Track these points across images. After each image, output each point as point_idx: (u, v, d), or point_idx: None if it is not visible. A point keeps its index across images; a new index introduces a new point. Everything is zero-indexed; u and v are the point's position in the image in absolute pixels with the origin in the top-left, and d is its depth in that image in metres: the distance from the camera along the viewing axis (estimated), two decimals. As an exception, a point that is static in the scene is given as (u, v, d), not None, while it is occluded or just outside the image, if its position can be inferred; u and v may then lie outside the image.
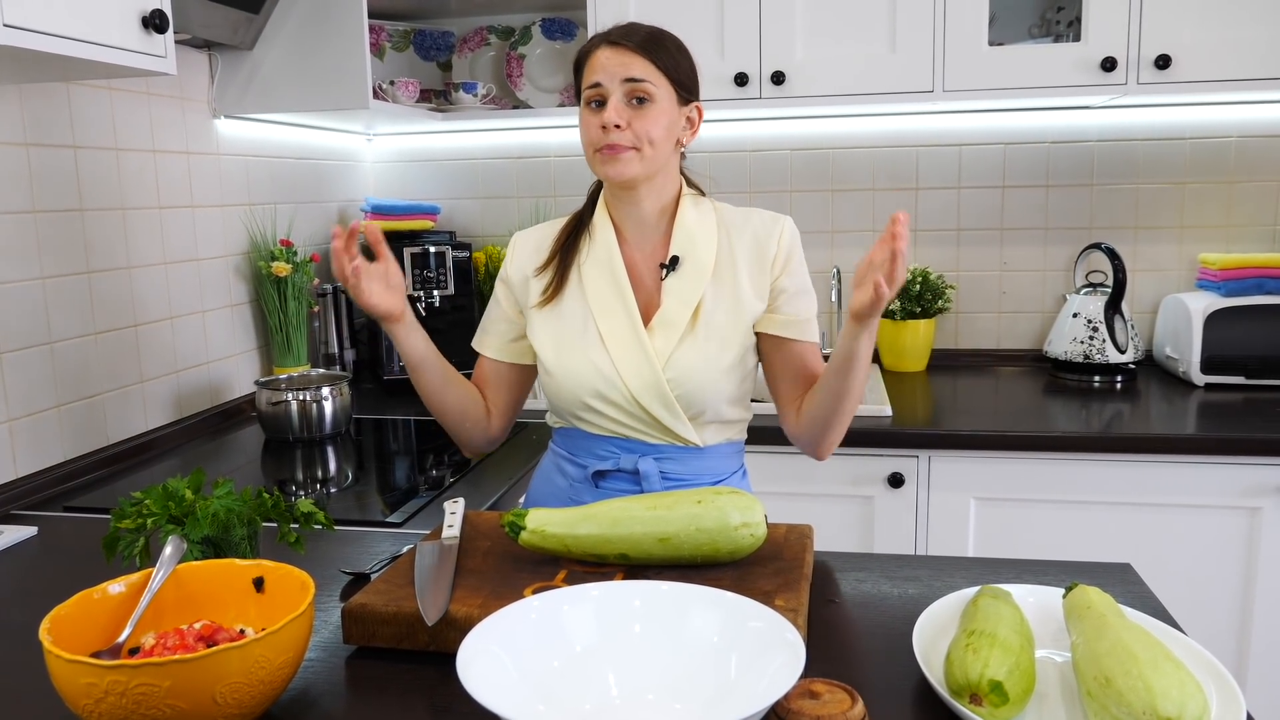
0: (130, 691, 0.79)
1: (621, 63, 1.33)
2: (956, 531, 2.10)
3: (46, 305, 1.74)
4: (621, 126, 1.33)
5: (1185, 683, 0.81)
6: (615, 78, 1.33)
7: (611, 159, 1.34)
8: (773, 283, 1.42)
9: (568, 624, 0.94)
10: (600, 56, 1.35)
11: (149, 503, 1.12)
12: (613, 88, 1.34)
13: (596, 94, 1.35)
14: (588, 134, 1.37)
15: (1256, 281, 2.34)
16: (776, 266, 1.41)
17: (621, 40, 1.35)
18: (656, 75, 1.34)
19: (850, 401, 1.35)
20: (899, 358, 2.63)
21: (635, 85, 1.33)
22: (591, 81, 1.35)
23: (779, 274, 1.42)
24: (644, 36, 1.36)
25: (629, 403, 1.39)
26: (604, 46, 1.36)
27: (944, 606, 1.06)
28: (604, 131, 1.33)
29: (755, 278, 1.41)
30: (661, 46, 1.36)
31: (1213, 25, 2.14)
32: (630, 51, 1.34)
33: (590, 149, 1.37)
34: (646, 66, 1.34)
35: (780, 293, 1.42)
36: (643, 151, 1.34)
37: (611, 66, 1.34)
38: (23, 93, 1.69)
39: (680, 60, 1.38)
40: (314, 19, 2.18)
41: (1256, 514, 1.99)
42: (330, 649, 1.07)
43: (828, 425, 1.38)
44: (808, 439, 1.44)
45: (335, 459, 1.99)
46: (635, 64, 1.33)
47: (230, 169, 2.28)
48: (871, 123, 2.68)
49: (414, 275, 2.54)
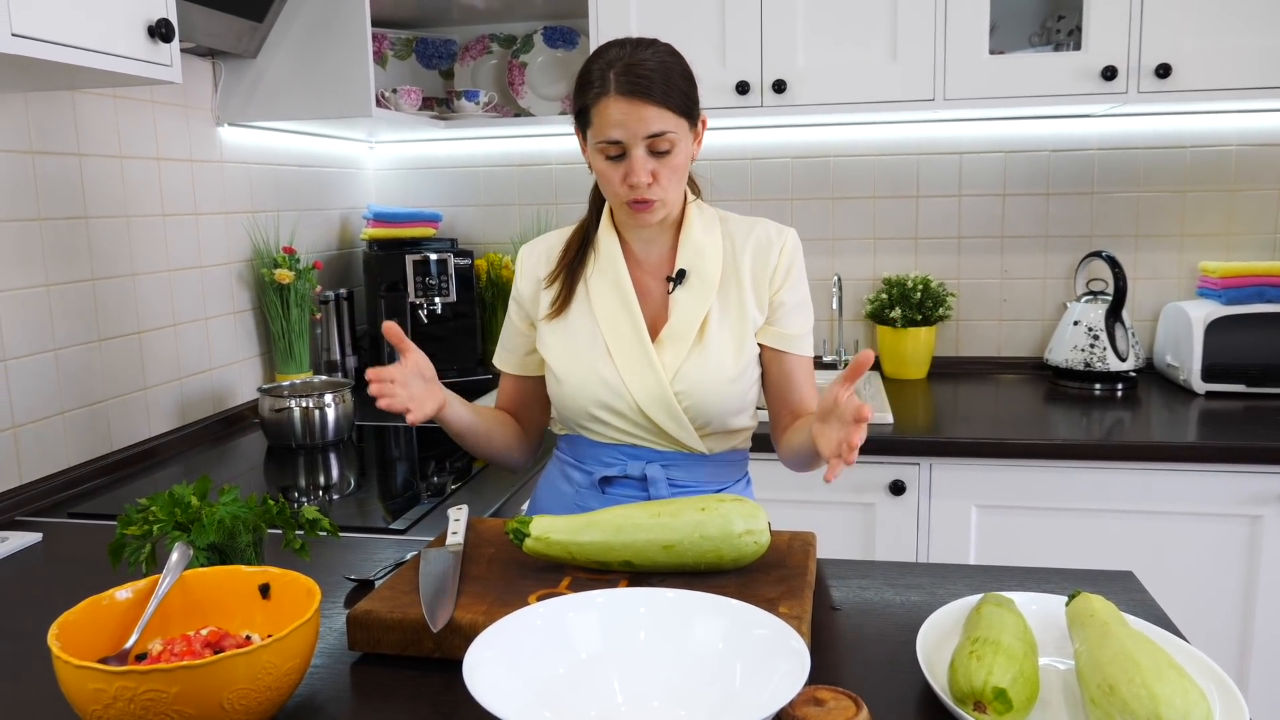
0: (138, 697, 0.80)
1: (640, 118, 1.27)
2: (958, 539, 2.10)
3: (51, 312, 1.75)
4: (650, 182, 1.31)
5: (1189, 690, 0.81)
6: (637, 135, 1.28)
7: (643, 211, 1.34)
8: (772, 296, 1.42)
9: (573, 631, 0.94)
10: (614, 110, 1.28)
11: (155, 509, 1.13)
12: (634, 143, 1.29)
13: (615, 149, 1.30)
14: (609, 184, 1.34)
15: (1257, 289, 2.35)
16: (777, 279, 1.41)
17: (635, 92, 1.27)
18: (673, 120, 1.29)
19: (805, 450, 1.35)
20: (900, 365, 2.64)
21: (655, 139, 1.29)
22: (608, 138, 1.29)
23: (779, 287, 1.42)
24: (654, 80, 1.27)
25: (636, 414, 1.39)
26: (615, 98, 1.27)
27: (947, 614, 1.06)
28: (632, 189, 1.31)
29: (757, 289, 1.42)
30: (672, 85, 1.29)
31: (1213, 34, 2.15)
32: (646, 104, 1.27)
33: (615, 199, 1.36)
34: (664, 116, 1.28)
35: (779, 306, 1.42)
36: (669, 197, 1.34)
37: (630, 123, 1.27)
38: (29, 101, 1.70)
39: (688, 89, 1.33)
40: (317, 27, 2.19)
41: (1257, 522, 1.99)
42: (335, 655, 1.08)
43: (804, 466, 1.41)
44: (788, 463, 1.46)
45: (338, 466, 1.99)
46: (653, 118, 1.27)
47: (233, 176, 2.28)
48: (872, 131, 2.69)
49: (415, 283, 2.54)
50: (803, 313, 1.44)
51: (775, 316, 1.42)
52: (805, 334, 1.44)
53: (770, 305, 1.42)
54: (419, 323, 2.57)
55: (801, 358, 1.44)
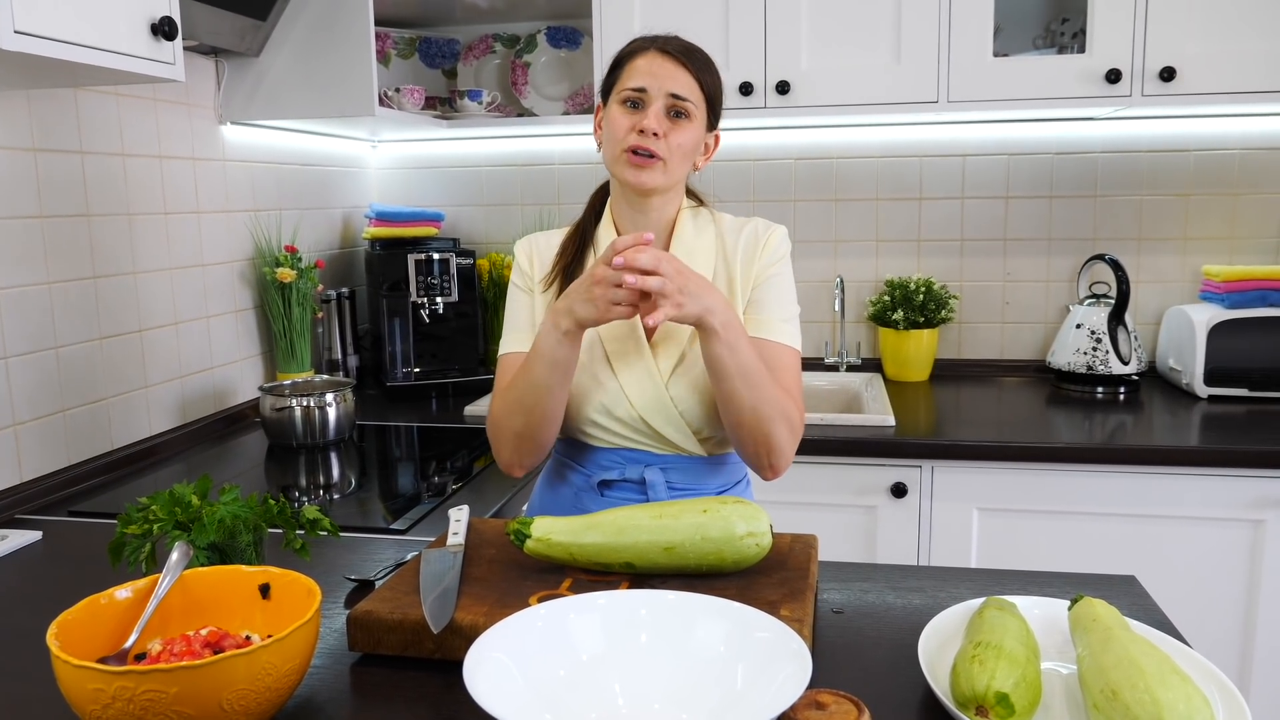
0: (138, 697, 0.79)
1: (670, 74, 1.34)
2: (959, 542, 2.10)
3: (53, 310, 1.74)
4: (659, 135, 1.33)
5: (1192, 696, 0.81)
6: (661, 87, 1.33)
7: (639, 165, 1.34)
8: (754, 284, 1.41)
9: (574, 633, 0.94)
10: (648, 61, 1.35)
11: (155, 508, 1.12)
12: (656, 95, 1.34)
13: (637, 96, 1.34)
14: (616, 131, 1.35)
15: (1260, 294, 2.34)
16: (759, 268, 1.40)
17: (673, 51, 1.35)
18: (698, 94, 1.35)
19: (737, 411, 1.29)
20: (902, 367, 2.63)
21: (678, 100, 1.34)
22: (635, 84, 1.34)
23: (760, 276, 1.41)
24: (695, 53, 1.36)
25: (635, 420, 1.39)
26: (654, 51, 1.35)
27: (949, 618, 1.06)
28: (639, 135, 1.33)
29: (744, 282, 1.41)
30: (709, 68, 1.37)
31: (1217, 38, 2.15)
32: (680, 65, 1.34)
33: (617, 147, 1.35)
34: (692, 84, 1.35)
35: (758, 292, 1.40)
36: (669, 164, 1.35)
37: (661, 75, 1.34)
38: (31, 98, 1.69)
39: (718, 86, 1.40)
40: (320, 26, 2.19)
41: (1260, 526, 1.99)
42: (335, 656, 1.07)
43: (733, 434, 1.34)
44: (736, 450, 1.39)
45: (339, 465, 1.99)
46: (682, 78, 1.34)
47: (236, 175, 2.28)
48: (875, 133, 2.68)
49: (417, 282, 2.54)
50: (782, 301, 1.41)
51: (755, 302, 1.40)
52: (782, 320, 1.40)
53: (751, 291, 1.41)
54: (420, 322, 2.57)
55: (778, 344, 1.38)
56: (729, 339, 1.25)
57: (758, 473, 1.39)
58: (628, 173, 1.35)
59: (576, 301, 1.26)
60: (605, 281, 1.22)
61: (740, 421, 1.31)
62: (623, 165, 1.36)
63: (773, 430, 1.31)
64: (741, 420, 1.30)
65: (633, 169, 1.34)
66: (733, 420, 1.32)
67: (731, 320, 1.26)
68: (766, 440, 1.31)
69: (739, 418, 1.30)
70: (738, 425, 1.32)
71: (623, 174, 1.36)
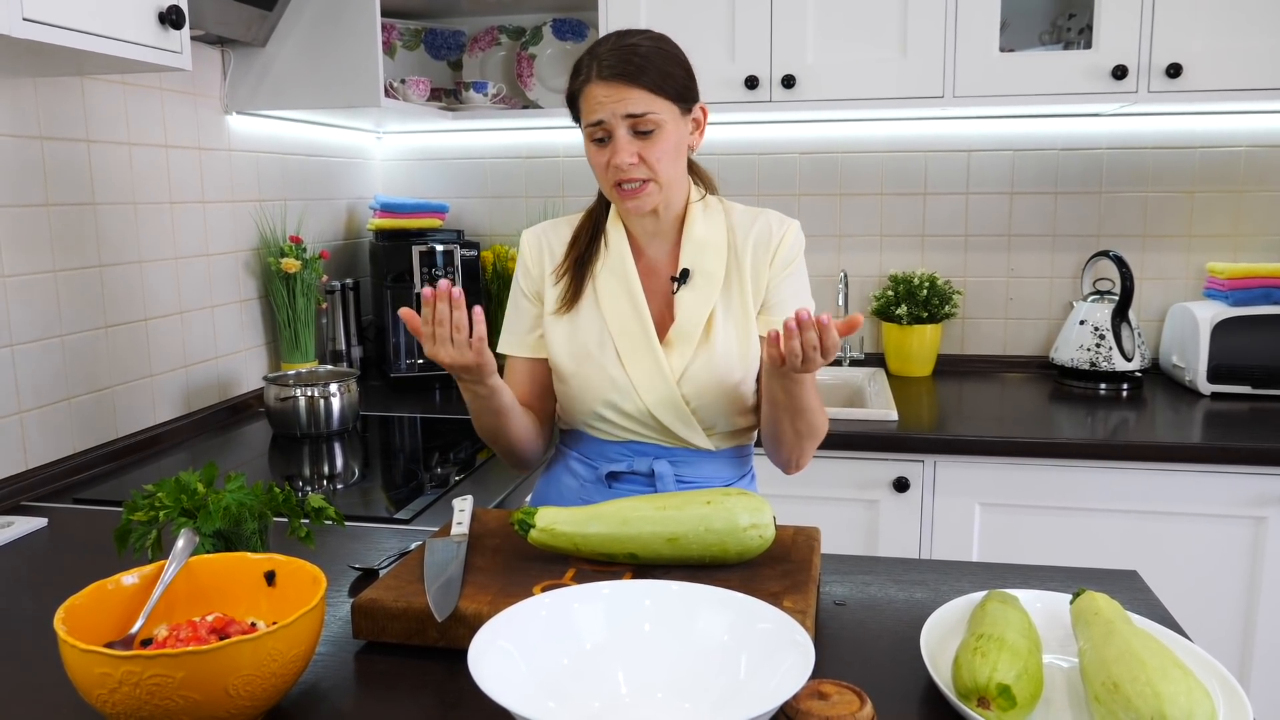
0: (144, 682, 0.80)
1: (619, 98, 1.29)
2: (961, 537, 2.10)
3: (58, 298, 1.75)
4: (633, 162, 1.31)
5: (1193, 689, 0.81)
6: (616, 115, 1.30)
7: (631, 196, 1.34)
8: (769, 284, 1.41)
9: (578, 622, 0.94)
10: (595, 93, 1.31)
11: (161, 495, 1.13)
12: (615, 124, 1.30)
13: (600, 131, 1.32)
14: (596, 169, 1.35)
15: (1264, 291, 2.34)
16: (775, 268, 1.40)
17: (613, 75, 1.29)
18: (655, 101, 1.30)
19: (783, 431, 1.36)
20: (905, 363, 2.63)
21: (637, 120, 1.30)
22: (593, 119, 1.31)
23: (776, 277, 1.40)
24: (635, 63, 1.29)
25: (644, 415, 1.39)
26: (595, 83, 1.30)
27: (951, 610, 1.06)
28: (616, 170, 1.32)
29: (756, 279, 1.41)
30: (651, 67, 1.30)
31: (1224, 35, 2.15)
32: (624, 85, 1.29)
33: (606, 185, 1.36)
34: (644, 96, 1.29)
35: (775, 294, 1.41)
36: (658, 180, 1.33)
37: (609, 104, 1.29)
38: (38, 86, 1.70)
39: (674, 71, 1.33)
40: (327, 16, 2.19)
41: (1261, 523, 1.99)
42: (339, 644, 1.08)
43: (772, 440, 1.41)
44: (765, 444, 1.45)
45: (342, 455, 2.00)
46: (632, 97, 1.29)
47: (241, 165, 2.29)
48: (881, 127, 2.68)
49: (421, 273, 2.54)
50: (799, 300, 1.41)
51: (770, 304, 1.41)
52: None
53: (766, 293, 1.41)
54: (424, 314, 2.57)
55: None
56: (810, 381, 1.31)
57: (780, 469, 1.47)
58: (624, 205, 1.37)
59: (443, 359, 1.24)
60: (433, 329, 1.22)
61: (783, 441, 1.40)
62: (616, 199, 1.37)
63: (808, 447, 1.42)
64: (784, 440, 1.39)
65: (626, 200, 1.35)
66: (776, 437, 1.40)
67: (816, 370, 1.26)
68: (801, 454, 1.43)
69: (783, 438, 1.39)
70: (780, 442, 1.40)
71: (620, 206, 1.38)
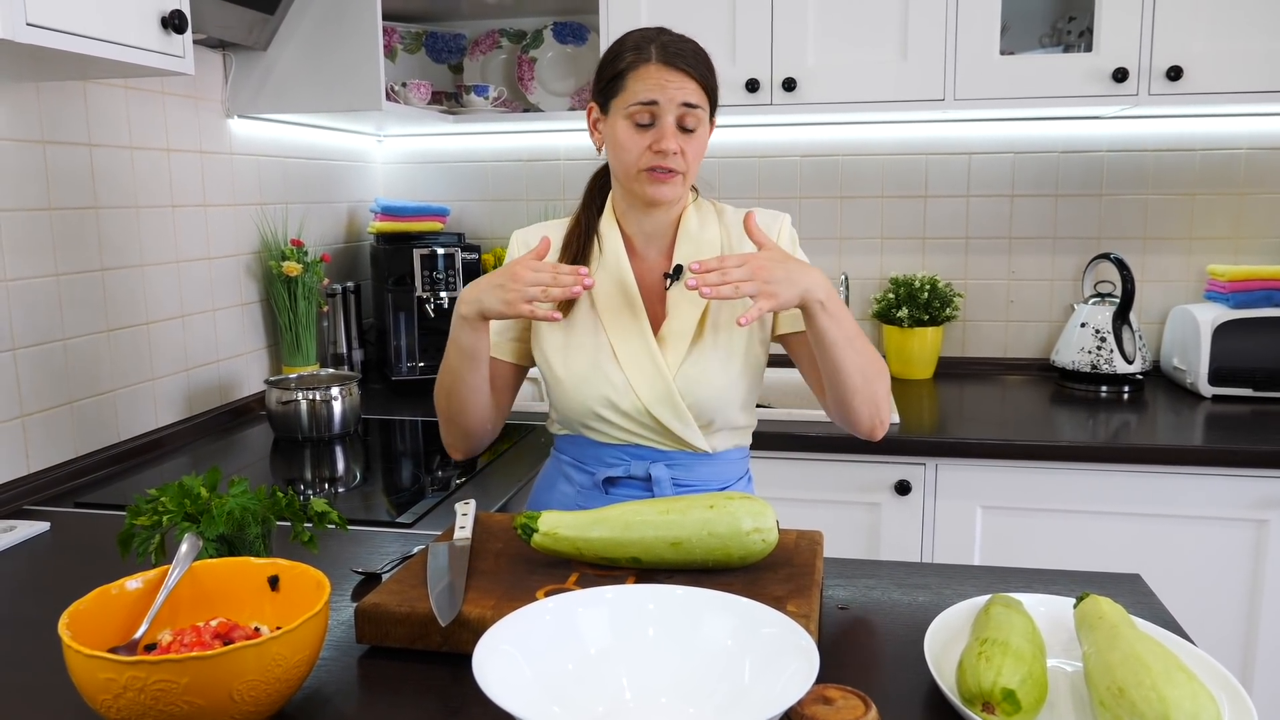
0: (149, 687, 0.80)
1: (680, 84, 1.29)
2: (963, 540, 2.10)
3: (60, 302, 1.75)
4: (677, 151, 1.31)
5: (1198, 694, 0.81)
6: (673, 101, 1.29)
7: (662, 181, 1.33)
8: None
9: (582, 626, 0.94)
10: (653, 73, 1.30)
11: (165, 500, 1.13)
12: (668, 109, 1.30)
13: (648, 112, 1.30)
14: (630, 150, 1.33)
15: (1265, 294, 2.34)
16: None
17: (676, 61, 1.30)
18: (704, 99, 1.33)
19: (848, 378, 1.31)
20: (906, 365, 2.63)
21: (690, 111, 1.31)
22: (645, 98, 1.30)
23: None
24: (696, 56, 1.32)
25: (640, 414, 1.39)
26: (657, 64, 1.30)
27: (955, 614, 1.06)
28: (658, 155, 1.31)
29: None
30: (704, 65, 1.33)
31: (1224, 37, 2.15)
32: (686, 75, 1.30)
33: (634, 166, 1.33)
34: (699, 92, 1.31)
35: None
36: (688, 175, 1.34)
37: (670, 88, 1.29)
38: (40, 90, 1.70)
39: (715, 82, 1.36)
40: (328, 20, 2.19)
41: (1263, 526, 1.99)
42: (343, 648, 1.08)
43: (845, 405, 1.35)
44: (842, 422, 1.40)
45: (344, 459, 2.00)
46: (691, 89, 1.30)
47: (242, 168, 2.29)
48: (881, 130, 2.68)
49: (422, 277, 2.54)
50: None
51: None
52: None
53: None
54: (425, 316, 2.57)
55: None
56: (833, 310, 1.27)
57: (867, 436, 1.39)
58: (648, 190, 1.34)
59: (485, 291, 1.27)
60: (522, 279, 1.23)
61: (854, 388, 1.32)
62: (643, 183, 1.34)
63: (880, 388, 1.35)
64: (855, 386, 1.32)
65: (656, 184, 1.34)
66: (846, 389, 1.32)
67: (831, 293, 1.26)
68: (876, 400, 1.35)
69: (852, 384, 1.31)
70: (852, 392, 1.32)
71: (643, 191, 1.35)
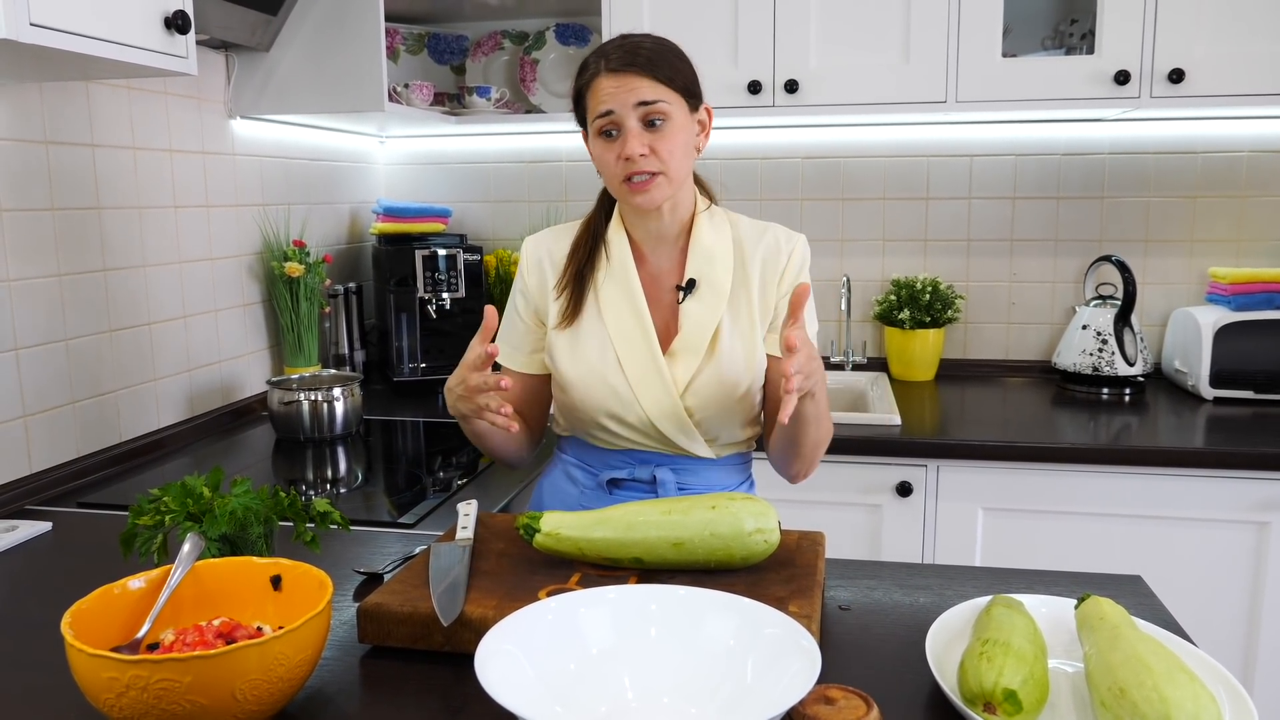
0: (152, 686, 0.80)
1: (630, 88, 1.28)
2: (964, 541, 2.10)
3: (63, 302, 1.75)
4: (645, 153, 1.29)
5: (1199, 694, 0.82)
6: (626, 104, 1.28)
7: (641, 189, 1.31)
8: (778, 301, 1.40)
9: (584, 626, 0.95)
10: (604, 85, 1.30)
11: (167, 500, 1.13)
12: (626, 114, 1.29)
13: (609, 123, 1.30)
14: (606, 165, 1.33)
15: (1266, 296, 2.34)
16: (784, 285, 1.40)
17: (622, 66, 1.29)
18: (666, 92, 1.30)
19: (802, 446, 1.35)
20: (908, 367, 2.64)
21: (649, 108, 1.29)
22: (601, 110, 1.30)
23: (785, 293, 1.40)
24: (644, 55, 1.30)
25: (645, 425, 1.38)
26: (605, 75, 1.30)
27: (956, 615, 1.06)
28: (627, 162, 1.30)
29: (764, 294, 1.40)
30: (663, 60, 1.31)
31: (1226, 40, 2.15)
32: (633, 75, 1.29)
33: (614, 180, 1.34)
34: (655, 86, 1.29)
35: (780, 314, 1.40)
36: (669, 174, 1.32)
37: (620, 94, 1.28)
38: (43, 91, 1.70)
39: (682, 67, 1.34)
40: (330, 21, 2.20)
41: (1264, 528, 1.99)
42: (345, 648, 1.08)
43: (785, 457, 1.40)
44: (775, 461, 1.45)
45: (346, 459, 2.00)
46: (643, 86, 1.29)
47: (245, 169, 2.29)
48: (883, 132, 2.68)
49: (424, 278, 2.55)
50: (810, 316, 1.40)
51: (779, 322, 1.40)
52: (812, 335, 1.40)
53: (776, 312, 1.40)
54: (427, 318, 2.58)
55: None
56: (820, 397, 1.29)
57: (789, 481, 1.46)
58: (633, 199, 1.34)
59: (458, 399, 1.28)
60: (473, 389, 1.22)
61: (802, 453, 1.38)
62: (626, 194, 1.34)
63: (820, 453, 1.41)
64: (803, 452, 1.38)
65: (636, 194, 1.32)
66: (794, 451, 1.37)
67: (823, 379, 1.27)
68: (813, 462, 1.42)
69: (803, 450, 1.37)
70: (797, 455, 1.38)
71: (629, 201, 1.35)
